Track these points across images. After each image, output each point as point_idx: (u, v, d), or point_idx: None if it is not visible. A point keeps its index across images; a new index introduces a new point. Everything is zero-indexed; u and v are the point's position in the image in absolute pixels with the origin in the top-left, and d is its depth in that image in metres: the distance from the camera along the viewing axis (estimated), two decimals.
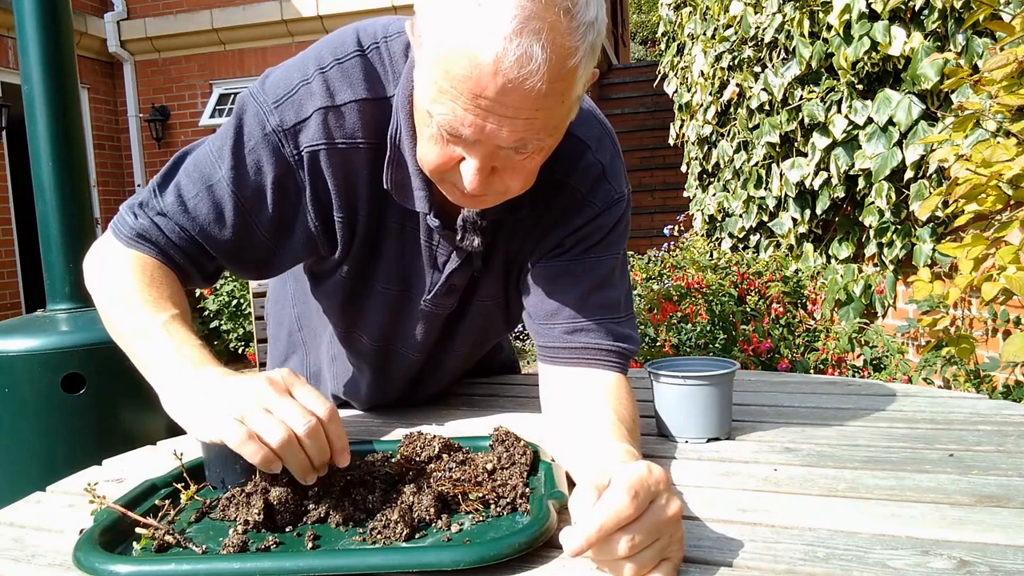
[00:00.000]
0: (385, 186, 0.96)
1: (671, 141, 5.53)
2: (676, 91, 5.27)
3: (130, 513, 0.76)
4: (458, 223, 0.98)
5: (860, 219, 3.47)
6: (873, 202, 3.33)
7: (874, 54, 3.23)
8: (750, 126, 4.13)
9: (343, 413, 1.27)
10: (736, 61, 4.25)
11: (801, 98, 3.66)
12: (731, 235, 4.48)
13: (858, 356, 3.34)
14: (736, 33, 4.22)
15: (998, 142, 1.46)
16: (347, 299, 1.08)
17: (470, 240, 0.98)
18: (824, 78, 3.55)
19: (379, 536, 0.72)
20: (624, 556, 0.62)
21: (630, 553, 0.62)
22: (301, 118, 0.93)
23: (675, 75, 5.29)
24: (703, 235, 4.93)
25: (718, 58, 4.42)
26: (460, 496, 0.79)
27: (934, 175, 3.06)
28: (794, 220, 3.87)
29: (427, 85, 0.78)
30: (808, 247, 3.89)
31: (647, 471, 0.65)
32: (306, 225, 0.98)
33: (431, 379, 1.23)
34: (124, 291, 0.92)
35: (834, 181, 3.51)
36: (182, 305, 0.93)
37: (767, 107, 3.95)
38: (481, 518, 0.77)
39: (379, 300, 1.07)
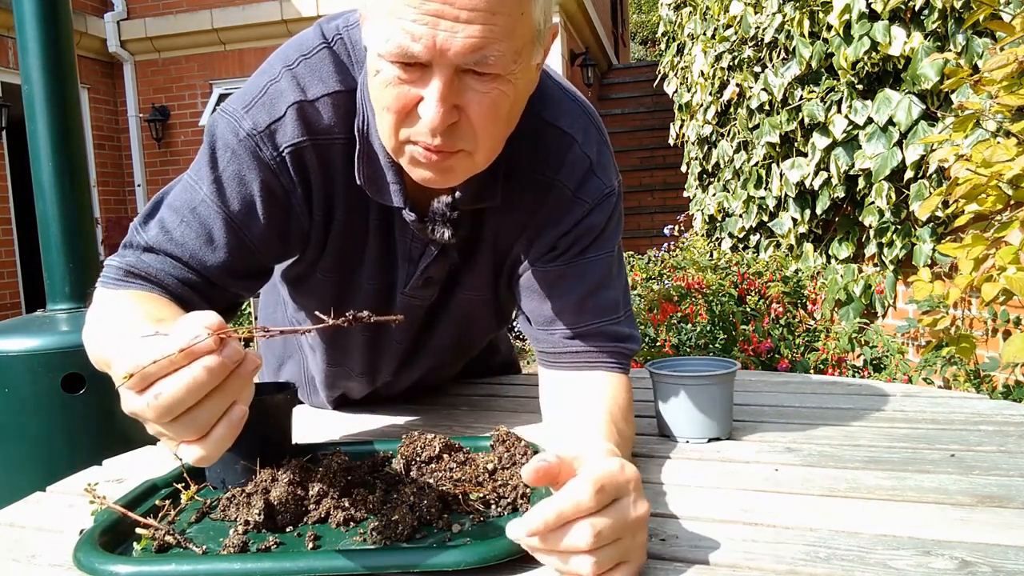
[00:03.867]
0: (358, 182, 0.93)
1: (671, 141, 5.54)
2: (676, 91, 5.27)
3: (130, 513, 0.76)
4: (427, 215, 0.96)
5: (860, 219, 3.47)
6: (873, 202, 3.33)
7: (874, 54, 3.23)
8: (750, 126, 4.13)
9: (341, 416, 1.27)
10: (736, 61, 4.25)
11: (801, 98, 3.66)
12: (731, 235, 4.48)
13: (858, 356, 3.34)
14: (736, 33, 4.22)
15: (998, 142, 1.46)
16: (334, 296, 1.07)
17: (440, 232, 0.96)
18: (824, 78, 3.54)
19: (379, 536, 0.72)
20: (587, 549, 0.59)
21: (594, 545, 0.59)
22: (275, 117, 0.90)
23: (675, 75, 5.30)
24: (703, 235, 4.94)
25: (718, 58, 4.42)
26: (461, 496, 0.79)
27: (934, 175, 3.06)
28: (794, 220, 3.86)
29: (376, 25, 0.75)
30: (808, 247, 3.89)
31: (619, 468, 0.64)
32: (300, 225, 0.96)
33: (416, 367, 1.21)
34: (121, 321, 0.82)
35: (834, 181, 3.50)
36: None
37: (767, 107, 3.95)
38: (482, 518, 0.77)
39: (366, 294, 1.06)
